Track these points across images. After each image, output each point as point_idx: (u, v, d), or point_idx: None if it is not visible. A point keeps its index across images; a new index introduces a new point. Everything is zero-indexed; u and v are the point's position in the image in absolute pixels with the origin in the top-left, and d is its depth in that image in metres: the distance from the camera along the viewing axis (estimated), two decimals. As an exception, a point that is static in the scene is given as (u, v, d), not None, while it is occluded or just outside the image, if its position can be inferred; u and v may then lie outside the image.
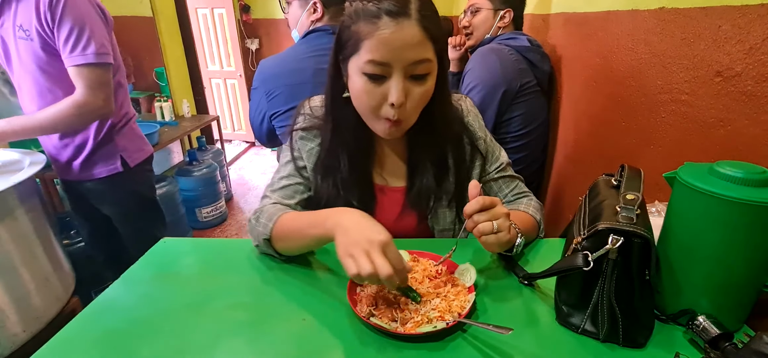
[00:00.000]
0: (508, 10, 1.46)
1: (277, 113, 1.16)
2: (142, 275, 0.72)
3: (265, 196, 0.80)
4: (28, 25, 1.13)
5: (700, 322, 0.52)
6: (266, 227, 0.71)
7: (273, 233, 0.70)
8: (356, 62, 0.65)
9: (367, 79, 0.64)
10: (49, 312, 1.17)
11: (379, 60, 0.62)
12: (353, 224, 0.58)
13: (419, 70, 0.64)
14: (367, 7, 0.62)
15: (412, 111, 0.67)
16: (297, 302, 0.64)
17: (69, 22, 1.12)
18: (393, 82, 0.63)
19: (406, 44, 0.61)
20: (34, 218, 1.16)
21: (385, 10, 0.61)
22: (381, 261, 0.52)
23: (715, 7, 0.78)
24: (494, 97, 1.36)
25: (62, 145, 1.32)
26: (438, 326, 0.55)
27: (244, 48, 4.18)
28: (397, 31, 0.61)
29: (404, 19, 0.61)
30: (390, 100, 0.64)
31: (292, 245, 0.71)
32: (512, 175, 0.86)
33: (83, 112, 1.20)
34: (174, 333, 0.58)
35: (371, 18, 0.62)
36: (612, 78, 1.14)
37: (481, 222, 0.60)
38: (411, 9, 0.61)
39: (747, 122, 0.71)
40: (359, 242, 0.54)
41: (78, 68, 1.16)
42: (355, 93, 0.68)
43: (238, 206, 3.26)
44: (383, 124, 0.68)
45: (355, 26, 0.64)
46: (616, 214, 0.54)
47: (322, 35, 1.15)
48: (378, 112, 0.67)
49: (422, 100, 0.67)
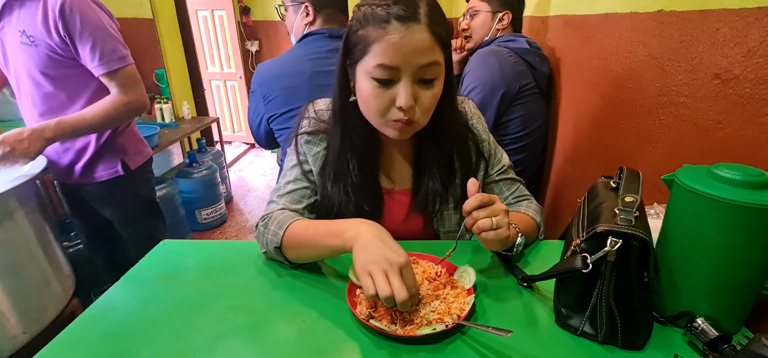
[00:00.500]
0: (507, 12, 1.47)
1: (274, 116, 1.17)
2: (143, 276, 0.73)
3: (272, 201, 0.79)
4: (33, 32, 1.13)
5: (699, 324, 0.52)
6: (277, 235, 0.69)
7: (284, 242, 0.69)
8: (364, 66, 0.65)
9: (376, 84, 0.64)
10: (49, 314, 1.17)
11: (388, 64, 0.62)
12: (373, 240, 0.57)
13: (428, 75, 0.64)
14: (377, 11, 0.62)
15: (422, 114, 0.67)
16: (296, 304, 0.64)
17: (89, 33, 1.15)
18: (401, 86, 0.64)
19: (416, 49, 0.62)
20: (34, 220, 1.16)
21: (394, 14, 0.61)
22: (399, 285, 0.52)
23: (713, 10, 0.78)
24: (493, 99, 1.37)
25: (63, 149, 1.33)
26: (437, 328, 0.55)
27: (244, 50, 4.18)
28: (407, 35, 0.61)
29: (414, 24, 0.61)
30: (398, 103, 0.64)
31: (304, 254, 0.70)
32: (513, 178, 0.86)
33: (130, 109, 1.28)
34: (174, 335, 0.58)
35: (380, 23, 0.62)
36: (611, 80, 1.14)
37: (480, 219, 0.60)
38: (420, 13, 0.62)
39: (745, 125, 0.71)
40: (379, 261, 0.54)
41: (111, 75, 1.21)
42: (363, 97, 0.68)
43: (238, 208, 3.26)
44: (392, 126, 0.68)
45: (363, 31, 0.64)
46: (615, 216, 0.54)
47: (318, 38, 1.16)
48: (386, 115, 0.67)
49: (432, 103, 0.67)
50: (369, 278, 0.54)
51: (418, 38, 0.61)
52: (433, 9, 0.63)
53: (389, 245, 0.57)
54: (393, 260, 0.54)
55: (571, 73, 1.44)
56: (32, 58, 1.17)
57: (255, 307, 0.64)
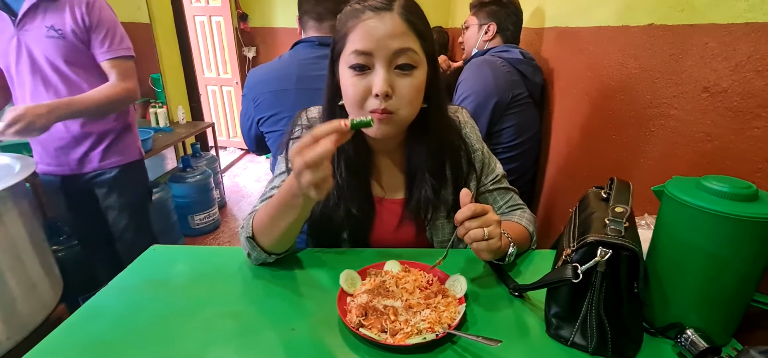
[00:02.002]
0: (491, 23, 1.52)
1: (262, 119, 1.20)
2: (131, 282, 0.72)
3: (255, 208, 0.78)
4: (61, 26, 1.31)
5: (689, 335, 0.52)
6: (247, 227, 0.71)
7: (254, 229, 0.70)
8: (344, 57, 0.67)
9: (353, 72, 0.66)
10: (35, 319, 1.15)
11: (361, 49, 0.64)
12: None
13: (402, 60, 0.65)
14: (354, 6, 0.67)
15: (402, 106, 0.66)
16: (287, 312, 0.63)
17: (105, 24, 1.36)
18: (376, 72, 0.65)
19: (388, 33, 0.63)
20: (22, 223, 1.14)
21: (369, 6, 0.65)
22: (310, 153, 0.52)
23: (702, 24, 0.79)
24: (486, 107, 1.39)
25: (83, 135, 1.43)
26: (427, 337, 0.55)
27: (241, 56, 4.19)
28: (379, 21, 0.64)
29: (386, 12, 0.64)
30: (374, 90, 0.64)
31: (273, 233, 0.68)
32: (507, 187, 0.86)
33: (128, 96, 1.43)
34: (162, 342, 0.57)
35: (356, 14, 0.66)
36: (602, 92, 1.16)
37: (472, 229, 0.60)
38: (394, 4, 0.65)
39: (733, 137, 0.72)
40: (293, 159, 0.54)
41: (114, 61, 1.39)
42: (344, 89, 0.69)
43: (232, 214, 3.23)
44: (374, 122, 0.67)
45: (343, 27, 0.68)
46: (605, 226, 0.54)
47: (306, 46, 1.20)
48: (364, 106, 0.67)
49: (411, 93, 0.66)
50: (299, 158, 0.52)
51: (390, 24, 0.63)
52: (409, 2, 0.66)
53: None
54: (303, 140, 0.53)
55: (564, 84, 1.45)
56: (59, 49, 1.33)
57: (245, 314, 0.63)
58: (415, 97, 0.68)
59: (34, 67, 1.35)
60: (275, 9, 4.05)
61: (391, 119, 0.67)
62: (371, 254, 0.78)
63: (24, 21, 1.30)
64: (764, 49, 0.66)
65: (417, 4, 0.68)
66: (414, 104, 0.68)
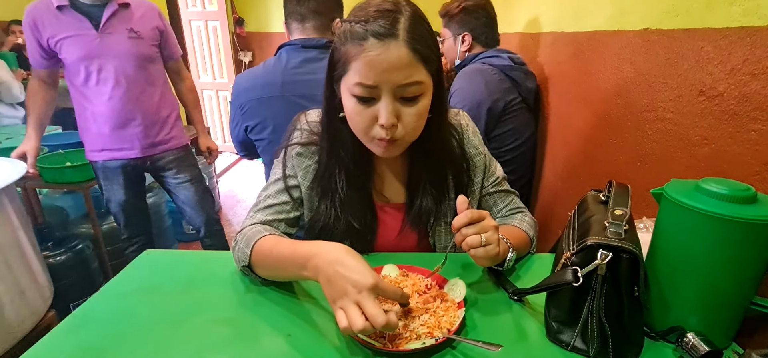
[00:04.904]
0: (465, 33, 1.52)
1: (249, 126, 1.20)
2: (123, 288, 0.70)
3: (249, 216, 0.77)
4: (141, 28, 1.57)
5: (690, 339, 0.52)
6: (244, 254, 0.67)
7: (252, 260, 0.66)
8: (346, 84, 0.64)
9: (357, 101, 0.64)
10: (24, 327, 1.13)
11: (365, 83, 0.61)
12: (334, 271, 0.52)
13: (409, 93, 0.63)
14: (355, 28, 0.61)
15: (407, 132, 0.66)
16: (283, 317, 0.62)
17: (170, 29, 1.72)
18: (382, 104, 0.62)
19: (393, 66, 0.59)
20: (12, 228, 1.12)
21: (371, 32, 0.59)
22: (373, 311, 0.47)
23: (697, 29, 0.80)
24: (480, 117, 1.39)
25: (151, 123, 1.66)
26: (427, 342, 0.54)
27: (238, 61, 4.18)
28: (384, 52, 0.59)
29: (391, 41, 0.59)
30: (380, 121, 0.63)
31: (273, 275, 0.67)
32: (508, 190, 0.86)
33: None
34: (154, 349, 0.56)
35: (358, 40, 0.60)
36: (599, 96, 1.16)
37: (469, 235, 0.60)
38: (398, 30, 0.59)
39: (730, 140, 0.73)
40: (347, 292, 0.50)
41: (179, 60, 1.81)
42: (347, 114, 0.67)
43: (227, 219, 3.21)
44: (377, 144, 0.67)
45: (343, 47, 0.63)
46: (605, 229, 0.54)
47: (291, 50, 1.19)
48: (370, 133, 0.66)
49: (417, 120, 0.65)
50: (341, 313, 0.49)
51: (395, 55, 0.59)
52: (414, 24, 0.61)
53: (353, 269, 0.51)
54: (361, 284, 0.49)
55: (560, 88, 1.46)
56: (139, 48, 1.57)
57: (240, 320, 0.62)
58: (421, 122, 0.67)
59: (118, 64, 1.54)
60: (271, 14, 4.06)
61: (397, 146, 0.67)
62: (368, 259, 0.77)
63: (108, 23, 1.50)
64: (759, 52, 0.67)
65: (421, 20, 0.63)
66: (419, 128, 0.68)
